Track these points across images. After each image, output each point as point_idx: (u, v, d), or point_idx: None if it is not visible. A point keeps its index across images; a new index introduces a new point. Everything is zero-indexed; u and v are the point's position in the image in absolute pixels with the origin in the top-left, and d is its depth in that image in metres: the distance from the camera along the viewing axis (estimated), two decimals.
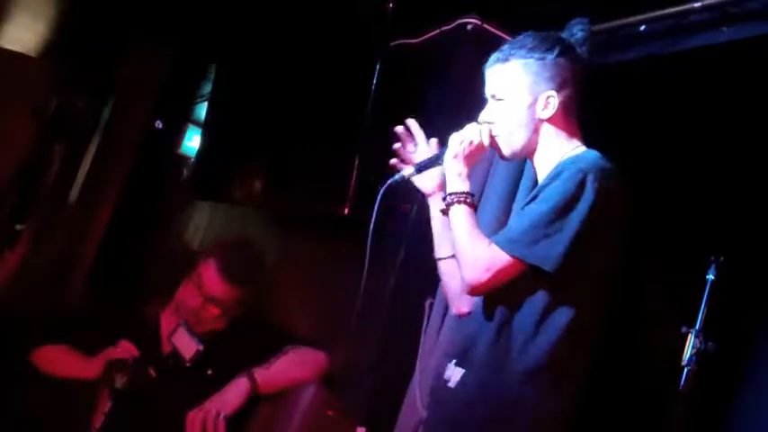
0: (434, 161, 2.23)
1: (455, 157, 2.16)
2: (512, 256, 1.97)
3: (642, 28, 2.82)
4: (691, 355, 2.41)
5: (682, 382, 2.39)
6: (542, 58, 2.14)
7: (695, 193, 2.87)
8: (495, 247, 1.99)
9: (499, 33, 3.28)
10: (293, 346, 3.12)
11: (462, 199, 2.10)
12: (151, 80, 4.53)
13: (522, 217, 2.01)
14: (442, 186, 2.27)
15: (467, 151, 2.16)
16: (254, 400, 2.97)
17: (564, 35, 2.21)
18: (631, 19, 2.84)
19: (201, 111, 4.64)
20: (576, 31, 2.19)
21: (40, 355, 3.11)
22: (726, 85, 2.74)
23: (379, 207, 2.19)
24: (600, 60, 2.80)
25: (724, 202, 2.79)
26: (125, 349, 3.00)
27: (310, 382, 2.99)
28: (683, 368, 2.41)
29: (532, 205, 2.01)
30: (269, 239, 4.00)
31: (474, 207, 2.12)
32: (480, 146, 2.17)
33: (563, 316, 2.00)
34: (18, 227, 4.45)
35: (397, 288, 2.97)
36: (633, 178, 2.09)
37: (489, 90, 2.20)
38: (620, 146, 2.30)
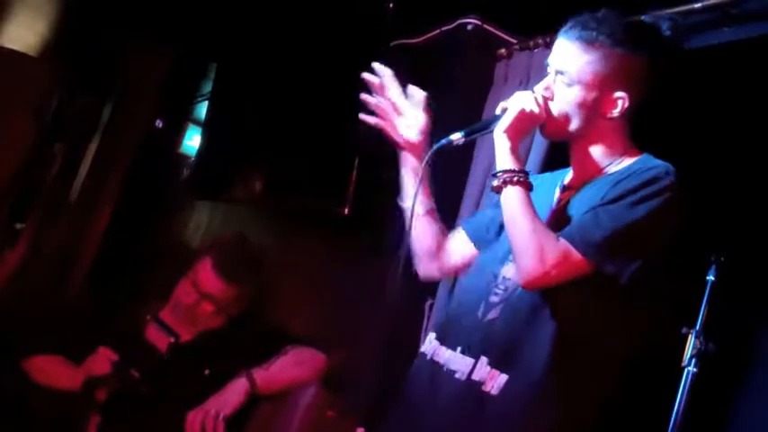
0: (486, 128, 2.03)
1: (506, 130, 1.97)
2: (587, 259, 1.84)
3: None
4: (691, 356, 2.40)
5: (682, 384, 2.39)
6: (628, 54, 1.95)
7: (695, 194, 2.86)
8: (566, 244, 1.85)
9: (499, 34, 3.29)
10: (293, 346, 3.12)
11: (517, 179, 1.93)
12: (151, 79, 4.53)
13: (603, 218, 1.85)
14: (423, 144, 2.14)
15: (519, 123, 1.97)
16: (254, 400, 2.97)
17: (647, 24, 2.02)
18: (632, 19, 2.83)
19: (202, 110, 4.64)
20: (665, 28, 1.99)
21: (31, 365, 3.10)
22: (726, 85, 2.73)
23: (425, 172, 2.05)
24: None
25: (724, 202, 2.79)
26: (104, 356, 2.98)
27: (310, 383, 2.99)
28: (683, 369, 2.41)
29: (616, 207, 1.86)
30: (269, 239, 3.99)
31: (529, 187, 1.95)
32: (534, 116, 1.98)
33: (620, 328, 1.94)
34: (18, 226, 4.44)
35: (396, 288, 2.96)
36: None
37: (559, 64, 2.00)
38: None
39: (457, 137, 2.01)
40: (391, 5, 3.47)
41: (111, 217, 4.43)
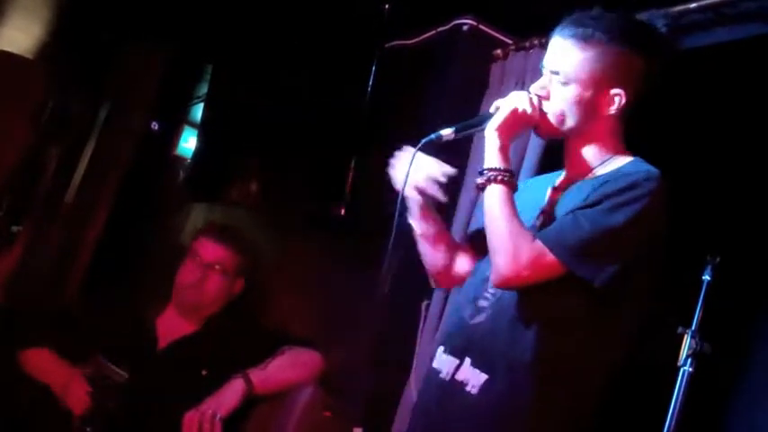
0: (477, 125, 2.01)
1: (497, 128, 1.95)
2: (560, 261, 1.85)
3: None
4: (687, 356, 2.41)
5: (678, 383, 2.40)
6: (625, 51, 1.94)
7: (691, 194, 2.87)
8: (540, 245, 1.85)
9: (495, 34, 3.30)
10: (289, 347, 3.12)
11: (501, 177, 1.92)
12: (147, 81, 4.52)
13: (581, 222, 1.85)
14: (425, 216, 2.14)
15: (511, 122, 1.96)
16: (251, 401, 2.97)
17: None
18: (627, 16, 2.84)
19: (197, 112, 4.63)
20: (661, 25, 1.99)
21: (25, 358, 3.11)
22: (721, 85, 2.74)
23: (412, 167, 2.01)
24: None
25: (720, 202, 2.80)
26: (80, 392, 2.96)
27: (307, 383, 2.99)
28: (679, 369, 2.42)
29: (594, 212, 1.85)
30: (265, 240, 3.99)
31: (513, 187, 1.94)
32: (527, 117, 1.97)
33: (602, 329, 1.93)
34: (14, 228, 4.43)
35: (393, 290, 2.97)
36: None
37: (553, 63, 1.98)
38: None
39: (447, 132, 1.99)
40: (387, 6, 3.48)
41: (108, 219, 4.41)
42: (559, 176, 2.14)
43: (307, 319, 3.64)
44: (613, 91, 1.96)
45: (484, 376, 1.93)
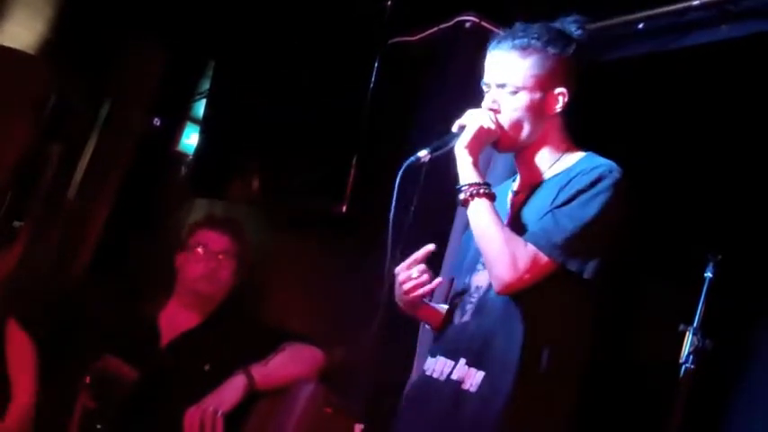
0: (446, 144, 2.12)
1: (466, 146, 2.07)
2: (552, 260, 1.95)
3: (640, 26, 2.82)
4: (689, 353, 2.41)
5: (680, 380, 2.40)
6: (559, 53, 2.10)
7: (693, 191, 2.87)
8: (534, 248, 1.95)
9: (497, 31, 3.28)
10: (291, 343, 3.12)
11: (482, 191, 2.03)
12: (149, 77, 4.52)
13: (561, 220, 1.96)
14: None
15: (478, 138, 2.07)
16: (252, 397, 2.97)
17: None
18: (630, 16, 2.85)
19: (199, 108, 4.63)
20: (573, 30, 2.14)
21: (11, 331, 3.13)
22: (724, 82, 2.74)
23: (398, 190, 2.10)
24: (597, 58, 2.80)
25: (722, 200, 2.80)
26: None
27: (308, 380, 2.99)
28: (681, 366, 2.42)
29: (570, 208, 1.97)
30: (267, 237, 4.00)
31: (493, 198, 2.05)
32: (490, 132, 2.08)
33: (585, 320, 2.03)
34: (16, 224, 4.43)
35: (393, 287, 2.96)
36: (631, 176, 2.09)
37: (499, 77, 2.12)
38: (618, 144, 2.30)
39: (423, 154, 2.10)
40: (389, 3, 3.48)
41: (109, 215, 4.42)
42: (516, 182, 2.24)
43: (307, 316, 3.64)
44: (557, 90, 2.11)
45: (481, 373, 1.99)
